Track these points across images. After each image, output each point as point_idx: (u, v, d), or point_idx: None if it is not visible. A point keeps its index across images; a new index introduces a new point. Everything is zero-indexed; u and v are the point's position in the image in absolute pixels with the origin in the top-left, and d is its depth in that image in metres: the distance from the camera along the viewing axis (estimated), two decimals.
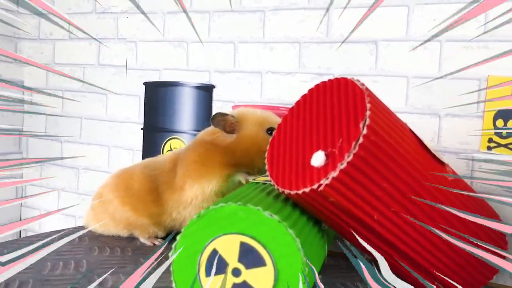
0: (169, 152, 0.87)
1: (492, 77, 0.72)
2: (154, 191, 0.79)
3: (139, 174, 0.80)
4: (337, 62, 0.83)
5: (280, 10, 0.87)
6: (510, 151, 0.72)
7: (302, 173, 0.54)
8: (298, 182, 0.54)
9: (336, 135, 0.53)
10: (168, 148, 0.99)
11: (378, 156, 0.52)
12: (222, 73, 0.93)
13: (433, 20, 0.76)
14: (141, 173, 0.80)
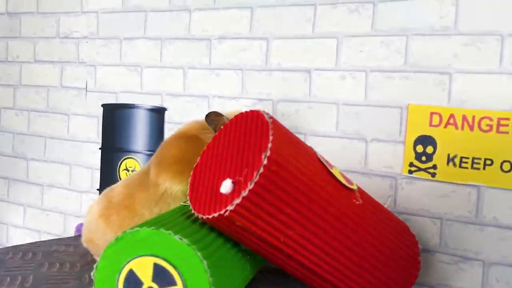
0: None
1: (412, 106, 0.77)
2: (128, 196, 0.80)
3: (119, 186, 0.82)
4: (276, 89, 0.88)
5: (225, 39, 0.93)
6: (428, 175, 0.77)
7: (213, 199, 0.59)
8: (209, 208, 0.59)
9: (244, 164, 0.58)
10: (124, 168, 1.04)
11: (279, 184, 0.57)
12: (174, 96, 0.98)
13: (359, 51, 0.81)
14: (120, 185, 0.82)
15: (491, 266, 0.73)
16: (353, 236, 0.63)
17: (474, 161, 0.73)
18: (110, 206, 0.80)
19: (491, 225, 0.73)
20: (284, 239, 0.59)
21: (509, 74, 0.71)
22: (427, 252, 0.77)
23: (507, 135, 0.71)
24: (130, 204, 0.79)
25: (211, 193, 0.60)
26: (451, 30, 0.75)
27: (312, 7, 0.85)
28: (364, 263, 0.64)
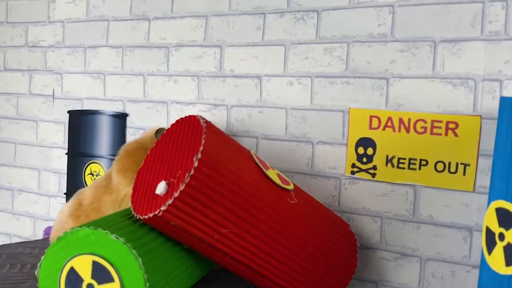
0: None
1: (353, 110, 0.81)
2: (96, 199, 0.84)
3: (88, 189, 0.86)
4: (230, 94, 0.91)
5: (182, 47, 0.96)
6: (369, 175, 0.80)
7: (150, 200, 0.63)
8: (146, 208, 0.62)
9: (178, 167, 0.62)
10: (88, 172, 1.07)
11: (211, 185, 0.60)
12: (134, 102, 1.02)
13: (305, 58, 0.85)
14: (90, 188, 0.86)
15: (427, 262, 0.76)
16: (286, 233, 0.66)
17: (411, 162, 0.77)
18: (80, 208, 0.85)
19: (427, 222, 0.76)
20: (218, 237, 0.63)
21: (442, 79, 0.75)
22: (369, 249, 0.80)
23: (440, 136, 0.75)
24: (97, 206, 0.84)
25: (149, 195, 0.64)
26: (388, 37, 0.78)
27: (261, 15, 0.89)
28: (298, 258, 0.68)
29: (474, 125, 0.72)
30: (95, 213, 0.83)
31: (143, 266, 0.59)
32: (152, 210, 0.61)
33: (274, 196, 0.66)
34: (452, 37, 0.74)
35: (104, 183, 0.85)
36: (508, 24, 0.71)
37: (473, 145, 0.72)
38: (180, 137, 0.66)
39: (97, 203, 0.84)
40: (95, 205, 0.84)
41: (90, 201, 0.85)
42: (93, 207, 0.84)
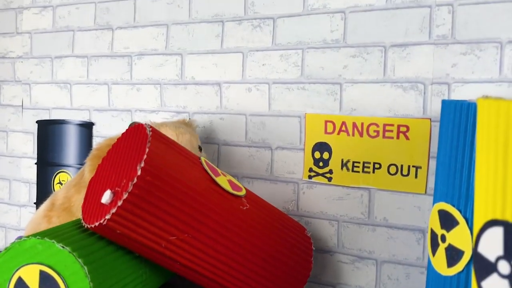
0: None
1: (308, 115, 0.82)
2: (67, 199, 0.84)
3: (61, 190, 0.86)
4: (191, 101, 0.92)
5: (144, 55, 0.97)
6: (326, 179, 0.81)
7: (97, 209, 0.63)
8: (93, 217, 0.63)
9: (124, 175, 0.62)
10: (57, 181, 1.08)
11: (155, 193, 0.61)
12: (100, 111, 1.03)
13: (262, 65, 0.86)
14: (62, 188, 0.86)
15: (383, 264, 0.77)
16: (237, 239, 0.67)
17: (365, 165, 0.78)
18: (53, 208, 0.85)
19: (381, 225, 0.77)
20: (166, 245, 0.63)
21: (392, 83, 0.76)
22: (327, 253, 0.81)
23: (392, 140, 0.76)
24: (68, 206, 0.84)
25: (96, 204, 0.64)
26: (340, 43, 0.79)
27: (220, 23, 0.90)
28: (250, 264, 0.68)
29: (424, 128, 0.73)
30: (66, 213, 0.84)
31: (89, 274, 0.60)
32: (98, 219, 0.61)
33: (223, 203, 0.67)
34: (402, 41, 0.75)
35: (75, 182, 0.85)
36: (454, 28, 0.72)
37: (424, 148, 0.73)
38: (128, 146, 0.66)
39: (68, 203, 0.84)
40: (66, 205, 0.84)
41: (62, 201, 0.85)
42: (64, 207, 0.84)
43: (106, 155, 0.71)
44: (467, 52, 0.71)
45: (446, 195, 0.60)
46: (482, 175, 0.47)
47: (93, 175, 0.71)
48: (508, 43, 0.69)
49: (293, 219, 0.78)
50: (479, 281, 0.47)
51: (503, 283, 0.44)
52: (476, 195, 0.48)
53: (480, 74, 0.70)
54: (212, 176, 0.68)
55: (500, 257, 0.44)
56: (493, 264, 0.45)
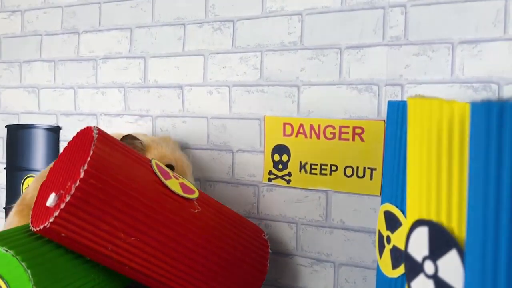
0: None
1: (267, 117, 0.82)
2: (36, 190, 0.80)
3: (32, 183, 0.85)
4: (154, 105, 0.92)
5: (108, 59, 0.97)
6: (285, 182, 0.81)
7: (44, 212, 0.63)
8: (39, 221, 0.62)
9: (69, 178, 0.62)
10: (26, 186, 1.07)
11: (99, 196, 0.60)
12: (66, 116, 1.02)
13: (223, 67, 0.86)
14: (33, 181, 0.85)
15: (341, 267, 0.77)
16: (186, 242, 0.67)
17: (322, 167, 0.78)
18: (23, 202, 0.85)
19: (338, 227, 0.77)
20: (112, 248, 0.63)
21: (348, 85, 0.76)
22: (286, 256, 0.81)
23: (348, 141, 0.76)
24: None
25: (43, 207, 0.64)
26: (298, 45, 0.79)
27: (181, 26, 0.89)
28: (201, 267, 0.68)
29: (378, 129, 0.73)
30: None
31: (32, 278, 0.59)
32: (43, 222, 0.61)
33: (173, 206, 0.66)
34: (357, 43, 0.75)
35: (45, 173, 0.84)
36: (407, 29, 0.72)
37: (378, 150, 0.72)
38: (76, 149, 0.66)
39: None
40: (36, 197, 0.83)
41: (32, 194, 0.85)
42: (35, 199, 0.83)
43: (57, 158, 0.71)
44: (420, 53, 0.71)
45: (391, 196, 0.60)
46: (411, 175, 0.47)
47: (45, 179, 0.71)
48: (459, 43, 0.69)
49: (250, 221, 0.78)
50: (409, 282, 0.47)
51: (429, 283, 0.44)
52: (407, 195, 0.48)
53: (433, 75, 0.70)
54: (161, 179, 0.68)
55: (426, 257, 0.44)
56: (420, 264, 0.45)
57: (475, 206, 0.32)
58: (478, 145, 0.31)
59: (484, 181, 0.31)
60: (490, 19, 0.67)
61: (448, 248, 0.42)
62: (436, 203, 0.43)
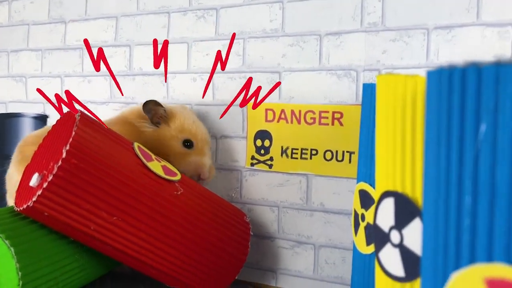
0: None
1: (250, 103, 0.83)
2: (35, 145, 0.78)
3: None
4: (139, 92, 0.93)
5: (95, 47, 0.98)
6: (267, 166, 0.82)
7: (26, 192, 0.64)
8: (22, 200, 0.64)
9: (51, 159, 0.63)
10: None
11: (81, 176, 0.62)
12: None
13: (206, 54, 0.87)
14: None
15: (320, 249, 0.79)
16: (168, 223, 0.68)
17: (303, 152, 0.79)
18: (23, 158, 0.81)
19: (318, 210, 0.79)
20: (94, 227, 0.64)
21: (327, 71, 0.77)
22: (268, 239, 0.83)
23: (328, 126, 0.78)
24: None
25: (27, 188, 0.65)
26: (279, 32, 0.81)
27: (166, 14, 0.91)
28: (183, 247, 0.69)
29: (356, 114, 0.75)
30: None
31: (15, 255, 0.61)
32: (26, 201, 0.62)
33: (154, 187, 0.68)
34: (336, 30, 0.77)
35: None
36: (384, 15, 0.74)
37: (357, 133, 0.74)
38: (59, 132, 0.67)
39: None
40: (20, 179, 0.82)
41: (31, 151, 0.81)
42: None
43: (42, 142, 0.72)
44: (396, 39, 0.73)
45: (365, 175, 0.61)
46: (378, 149, 0.49)
47: (29, 162, 0.72)
48: (434, 29, 0.71)
49: (232, 204, 0.79)
50: (377, 252, 0.48)
51: (395, 251, 0.46)
52: (376, 169, 0.50)
53: (409, 60, 0.72)
54: (143, 161, 0.69)
55: (392, 227, 0.46)
56: (387, 234, 0.46)
57: (428, 169, 0.34)
58: (431, 111, 0.33)
59: (436, 145, 0.32)
60: (463, 5, 0.68)
61: (412, 217, 0.44)
62: (401, 175, 0.44)
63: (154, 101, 0.76)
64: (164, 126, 0.78)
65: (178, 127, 0.78)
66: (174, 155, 0.78)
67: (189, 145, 0.79)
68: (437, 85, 0.33)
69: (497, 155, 0.29)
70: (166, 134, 0.77)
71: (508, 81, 0.29)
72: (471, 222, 0.30)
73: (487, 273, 0.30)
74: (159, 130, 0.77)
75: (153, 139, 0.78)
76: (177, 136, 0.77)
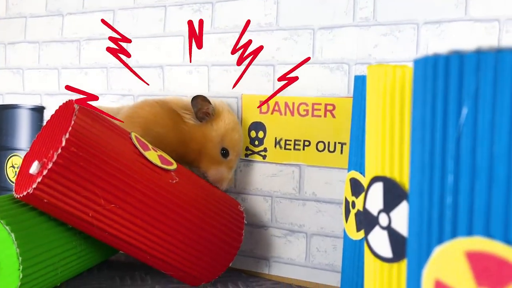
0: None
1: (245, 96, 0.85)
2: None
3: None
4: (136, 84, 0.95)
5: (92, 40, 1.00)
6: (261, 157, 0.84)
7: (27, 180, 0.66)
8: (22, 188, 0.65)
9: (52, 147, 0.65)
10: (10, 165, 1.10)
11: (80, 163, 0.64)
12: (51, 96, 1.05)
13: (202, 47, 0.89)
14: None
15: (312, 237, 0.81)
16: (165, 210, 0.70)
17: (296, 143, 0.81)
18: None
19: (311, 199, 0.81)
20: (93, 214, 0.66)
21: (320, 64, 0.79)
22: (261, 228, 0.85)
23: (320, 118, 0.80)
24: None
25: (27, 175, 0.67)
26: (273, 26, 0.83)
27: (163, 8, 0.93)
28: (178, 234, 0.71)
29: (348, 106, 0.77)
30: None
31: (16, 241, 0.63)
32: (26, 188, 0.64)
33: (151, 175, 0.70)
34: (328, 24, 0.79)
35: None
36: (376, 10, 0.76)
37: (348, 125, 0.76)
38: (58, 121, 0.69)
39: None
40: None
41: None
42: None
43: (40, 131, 0.74)
44: (387, 33, 0.75)
45: (355, 164, 0.64)
46: (368, 136, 0.51)
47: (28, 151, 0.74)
48: (424, 24, 0.73)
49: (226, 194, 0.81)
50: (366, 235, 0.51)
51: (383, 233, 0.48)
52: (366, 156, 0.52)
53: (399, 54, 0.74)
54: (140, 150, 0.71)
55: (381, 210, 0.48)
56: (375, 217, 0.49)
57: (414, 150, 0.36)
58: (417, 96, 0.35)
59: (421, 128, 0.35)
60: (452, 1, 0.71)
61: (400, 201, 0.46)
62: (390, 160, 0.47)
63: (203, 97, 0.76)
64: (207, 125, 0.77)
65: (221, 132, 0.77)
66: (206, 157, 0.79)
67: (224, 154, 0.80)
68: (423, 71, 0.35)
69: (477, 137, 0.31)
70: (207, 134, 0.77)
71: (488, 67, 0.31)
72: (454, 200, 0.33)
73: (467, 246, 0.32)
74: (202, 126, 0.77)
75: (192, 132, 0.77)
76: (218, 141, 0.77)
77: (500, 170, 0.30)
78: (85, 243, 0.76)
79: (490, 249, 0.31)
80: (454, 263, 0.33)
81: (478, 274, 0.31)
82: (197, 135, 0.77)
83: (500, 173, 0.30)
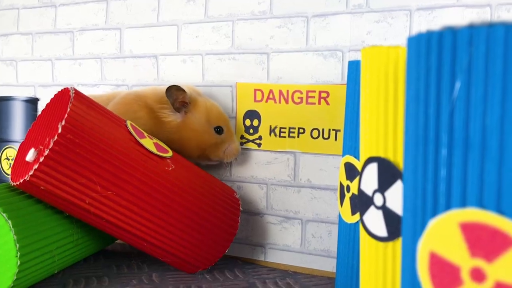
0: None
1: (239, 84, 0.86)
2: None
3: None
4: (130, 74, 0.95)
5: (85, 31, 0.99)
6: (255, 145, 0.85)
7: (23, 167, 0.66)
8: (18, 175, 0.66)
9: (48, 135, 0.65)
10: (4, 157, 1.09)
11: (76, 150, 0.64)
12: (44, 87, 1.05)
13: (195, 37, 0.89)
14: None
15: (307, 223, 0.81)
16: (161, 197, 0.70)
17: (290, 130, 0.82)
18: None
19: (306, 186, 0.81)
20: (89, 201, 0.67)
21: (314, 51, 0.80)
22: (257, 215, 0.85)
23: (314, 105, 0.80)
24: None
25: (23, 163, 0.67)
26: (267, 14, 0.83)
27: None
28: (175, 221, 0.72)
29: (342, 93, 0.78)
30: None
31: (13, 228, 0.63)
32: (22, 176, 0.64)
33: (147, 163, 0.70)
34: (322, 12, 0.79)
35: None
36: None
37: (342, 112, 0.77)
38: (54, 109, 0.69)
39: None
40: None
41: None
42: None
43: (36, 119, 0.74)
44: (380, 20, 0.76)
45: (350, 148, 0.64)
46: (363, 118, 0.52)
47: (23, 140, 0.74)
48: (416, 10, 0.73)
49: (222, 182, 0.82)
50: (361, 216, 0.51)
51: (378, 213, 0.49)
52: (361, 137, 0.53)
53: (392, 40, 0.75)
54: (136, 137, 0.71)
55: (376, 190, 0.49)
56: (370, 198, 0.49)
57: (408, 125, 0.37)
58: (411, 72, 0.36)
59: (415, 103, 0.35)
60: None
61: (394, 180, 0.47)
62: (384, 141, 0.47)
63: (177, 86, 0.73)
64: (189, 116, 0.76)
65: (204, 115, 0.76)
66: (210, 147, 0.79)
67: (219, 131, 0.79)
68: (416, 48, 0.35)
69: (470, 110, 0.32)
70: (195, 126, 0.76)
71: (480, 41, 0.32)
72: (447, 172, 0.33)
73: (461, 218, 0.33)
74: (185, 120, 0.76)
75: (181, 132, 0.76)
76: (207, 126, 0.77)
77: (493, 142, 0.31)
78: (82, 232, 0.76)
79: (483, 219, 0.31)
80: (448, 235, 0.33)
81: (472, 245, 0.32)
82: (188, 133, 0.76)
83: (492, 145, 0.31)
